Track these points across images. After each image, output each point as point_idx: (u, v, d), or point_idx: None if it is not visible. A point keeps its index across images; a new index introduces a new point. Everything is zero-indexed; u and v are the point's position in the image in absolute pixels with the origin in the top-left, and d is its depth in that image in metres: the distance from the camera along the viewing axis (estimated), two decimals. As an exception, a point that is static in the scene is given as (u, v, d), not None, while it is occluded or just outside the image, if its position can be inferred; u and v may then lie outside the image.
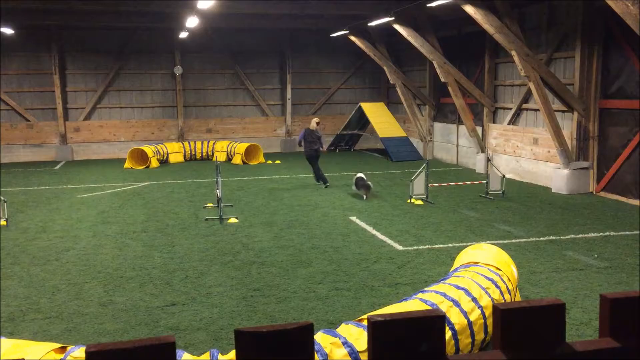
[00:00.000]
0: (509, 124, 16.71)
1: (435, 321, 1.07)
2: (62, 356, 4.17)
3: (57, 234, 10.47)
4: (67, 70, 22.34)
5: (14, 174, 18.38)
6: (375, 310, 6.43)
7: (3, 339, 4.55)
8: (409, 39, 17.79)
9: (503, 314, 1.09)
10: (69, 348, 4.30)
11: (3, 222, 11.11)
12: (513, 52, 13.57)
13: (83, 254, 9.19)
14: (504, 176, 13.66)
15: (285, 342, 1.04)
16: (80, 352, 4.18)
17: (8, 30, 19.40)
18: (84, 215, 12.01)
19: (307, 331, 1.05)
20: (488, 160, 14.04)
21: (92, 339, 6.03)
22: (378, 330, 1.06)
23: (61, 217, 11.87)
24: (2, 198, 11.16)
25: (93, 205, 13.15)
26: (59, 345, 4.37)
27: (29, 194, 14.80)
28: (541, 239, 9.74)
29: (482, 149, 17.70)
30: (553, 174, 14.31)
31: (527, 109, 16.12)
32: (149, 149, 19.68)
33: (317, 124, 15.05)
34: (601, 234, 9.98)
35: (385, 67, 21.09)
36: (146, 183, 16.18)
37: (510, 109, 16.70)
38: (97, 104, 22.64)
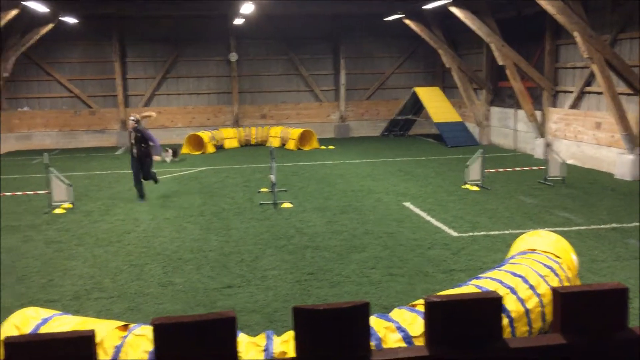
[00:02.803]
0: (570, 107, 16.16)
1: (491, 303, 1.07)
2: (125, 334, 4.33)
3: (119, 217, 10.85)
4: (127, 58, 22.97)
5: (78, 159, 19.11)
6: (429, 296, 6.38)
7: (70, 316, 4.77)
8: (466, 21, 17.40)
9: (563, 298, 1.07)
10: (131, 326, 4.46)
11: (69, 205, 11.59)
12: (575, 33, 13.08)
13: (143, 236, 9.49)
14: (564, 162, 13.25)
15: (342, 320, 1.06)
16: (141, 330, 4.34)
17: (72, 20, 20.07)
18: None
19: (363, 310, 1.07)
20: (547, 145, 13.65)
21: (153, 318, 6.24)
22: (434, 311, 1.06)
23: (122, 201, 12.28)
24: (68, 182, 11.63)
25: (152, 189, 13.53)
26: (122, 323, 4.54)
27: (92, 178, 15.36)
28: (603, 226, 9.42)
29: (542, 133, 17.20)
30: (617, 160, 13.78)
31: (589, 92, 15.54)
32: (205, 135, 20.06)
33: (134, 120, 12.01)
34: (668, 222, 9.57)
35: (440, 51, 20.72)
36: (202, 168, 16.53)
37: (572, 92, 16.14)
38: (155, 91, 23.21)
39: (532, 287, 5.12)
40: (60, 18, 19.06)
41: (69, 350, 1.00)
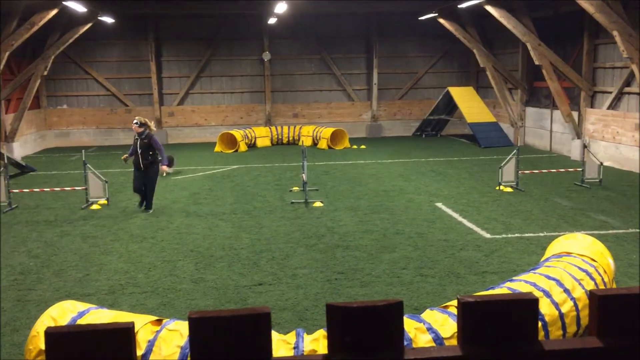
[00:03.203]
0: (608, 108, 15.81)
1: (527, 304, 1.06)
2: (158, 328, 4.41)
3: (153, 214, 11.01)
4: (163, 58, 23.30)
5: (113, 156, 19.46)
6: (460, 297, 6.32)
7: (105, 310, 4.87)
8: (502, 20, 17.16)
9: (600, 300, 1.06)
10: (164, 321, 4.54)
11: (105, 201, 11.82)
12: (615, 33, 12.79)
13: (176, 233, 9.63)
14: (601, 163, 12.97)
15: (375, 318, 1.06)
16: (174, 325, 4.40)
17: (109, 19, 20.46)
18: (177, 197, 12.56)
19: (397, 309, 1.07)
20: (585, 146, 13.38)
21: (185, 313, 6.32)
22: (468, 311, 1.06)
23: (156, 198, 12.42)
24: (105, 179, 11.86)
25: (185, 187, 13.71)
26: (155, 318, 4.62)
27: (128, 175, 15.60)
28: (641, 230, 9.20)
29: (578, 135, 16.87)
30: (656, 162, 13.44)
31: (629, 93, 15.18)
32: (237, 133, 20.24)
33: (138, 124, 10.87)
34: None
35: (475, 50, 20.48)
36: (235, 166, 16.67)
37: (610, 92, 15.79)
38: (189, 89, 23.50)
39: (567, 291, 5.03)
40: (98, 18, 19.44)
41: (109, 341, 1.02)
